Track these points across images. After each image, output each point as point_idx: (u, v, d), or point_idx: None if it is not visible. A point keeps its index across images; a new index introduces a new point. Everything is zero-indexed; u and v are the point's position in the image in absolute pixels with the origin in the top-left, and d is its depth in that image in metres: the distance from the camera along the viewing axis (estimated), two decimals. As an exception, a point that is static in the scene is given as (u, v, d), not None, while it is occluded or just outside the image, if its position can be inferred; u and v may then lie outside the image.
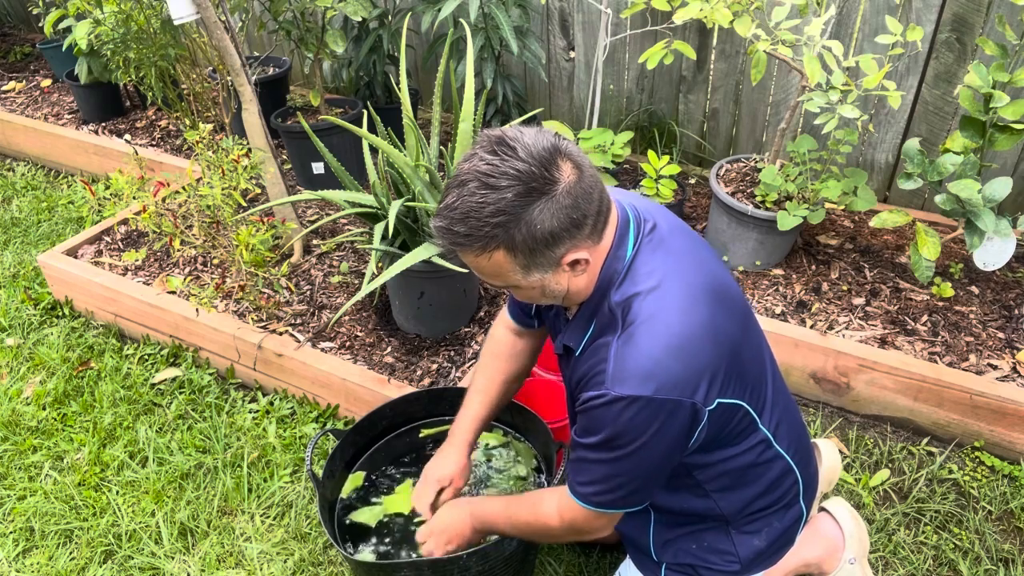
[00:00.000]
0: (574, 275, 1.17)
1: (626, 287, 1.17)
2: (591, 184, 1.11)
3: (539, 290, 1.19)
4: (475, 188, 1.06)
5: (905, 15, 2.47)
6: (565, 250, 1.12)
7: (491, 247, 1.09)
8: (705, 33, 2.84)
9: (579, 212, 1.09)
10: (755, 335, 1.32)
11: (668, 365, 1.12)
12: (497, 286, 1.21)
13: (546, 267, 1.13)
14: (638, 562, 1.53)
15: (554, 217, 1.07)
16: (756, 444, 1.31)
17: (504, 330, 1.61)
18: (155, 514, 2.00)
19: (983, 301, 2.32)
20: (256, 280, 2.38)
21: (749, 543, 1.41)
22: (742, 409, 1.24)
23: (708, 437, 1.22)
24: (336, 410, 2.24)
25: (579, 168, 1.10)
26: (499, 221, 1.06)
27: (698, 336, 1.14)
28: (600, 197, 1.13)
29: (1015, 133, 2.06)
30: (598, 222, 1.14)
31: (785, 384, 1.45)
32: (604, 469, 1.20)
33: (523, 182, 1.05)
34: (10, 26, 5.14)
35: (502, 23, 2.63)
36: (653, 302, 1.15)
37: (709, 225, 2.59)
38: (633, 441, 1.14)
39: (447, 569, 1.45)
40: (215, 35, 2.31)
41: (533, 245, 1.09)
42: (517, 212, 1.06)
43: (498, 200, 1.05)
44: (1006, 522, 1.90)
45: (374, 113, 2.20)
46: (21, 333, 2.67)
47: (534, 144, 1.07)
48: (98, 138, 3.62)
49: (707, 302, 1.17)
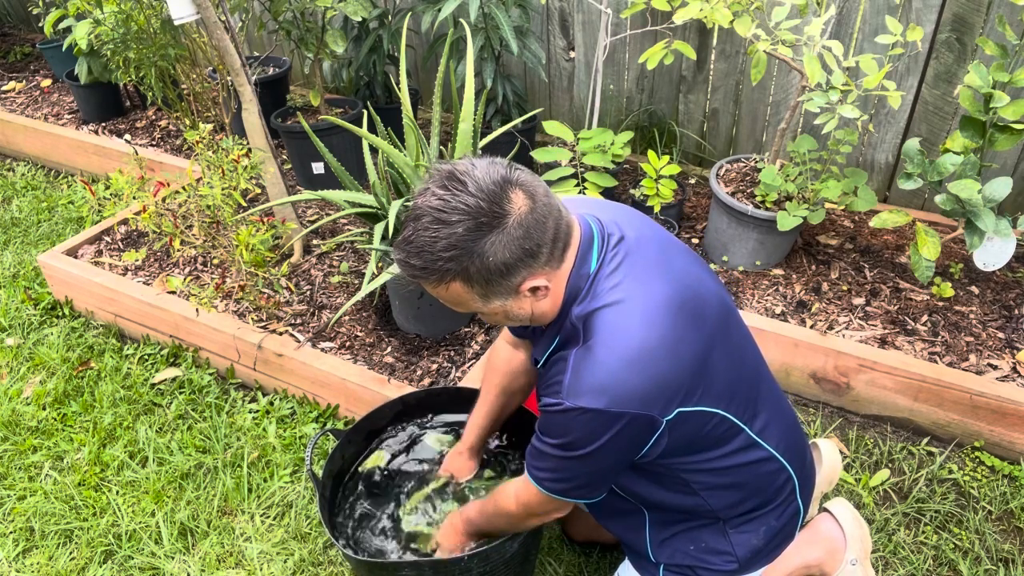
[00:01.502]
0: (536, 300, 1.20)
1: (587, 302, 1.19)
2: (544, 213, 1.13)
3: (502, 314, 1.23)
4: (428, 223, 1.10)
5: (905, 15, 2.47)
6: (521, 279, 1.15)
7: (447, 279, 1.13)
8: (705, 33, 2.84)
9: (532, 242, 1.12)
10: (736, 340, 1.32)
11: (623, 378, 1.14)
12: (462, 312, 1.23)
13: (504, 295, 1.17)
14: (636, 564, 1.53)
15: (506, 248, 1.10)
16: (742, 447, 1.31)
17: (503, 343, 1.64)
18: (155, 514, 2.00)
19: (983, 301, 2.32)
20: (256, 280, 2.38)
21: (746, 542, 1.41)
22: (716, 416, 1.24)
23: (680, 442, 1.24)
24: (336, 410, 2.24)
25: (532, 198, 1.12)
26: (451, 255, 1.10)
27: (655, 349, 1.15)
28: (556, 225, 1.15)
29: (1015, 133, 2.06)
30: (555, 249, 1.16)
31: (776, 383, 1.45)
32: (557, 463, 1.25)
33: (473, 217, 1.08)
34: (10, 26, 5.14)
35: (502, 23, 2.63)
36: (612, 316, 1.17)
37: (709, 225, 2.59)
38: (584, 447, 1.18)
39: (449, 570, 1.46)
40: (215, 35, 2.31)
41: (488, 276, 1.12)
42: (469, 246, 1.09)
43: (449, 235, 1.09)
44: (1006, 522, 1.90)
45: (374, 113, 2.20)
46: (21, 333, 2.67)
47: (484, 178, 1.10)
48: (98, 138, 3.62)
49: (669, 315, 1.18)
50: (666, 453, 1.26)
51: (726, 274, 2.50)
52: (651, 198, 2.52)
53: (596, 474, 1.25)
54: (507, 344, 1.63)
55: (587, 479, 1.26)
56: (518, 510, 1.37)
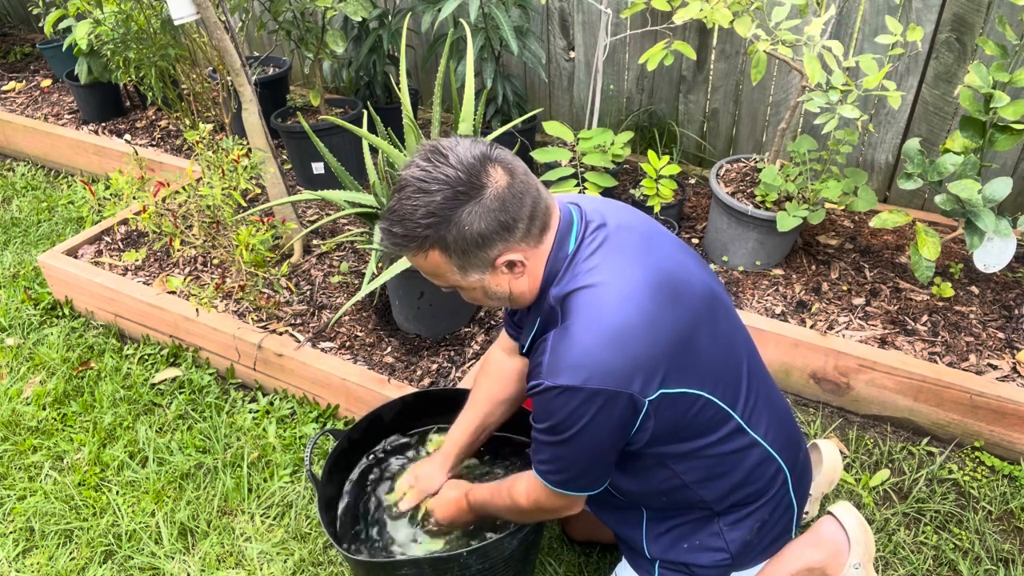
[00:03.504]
0: (513, 277, 1.24)
1: (565, 283, 1.23)
2: (522, 190, 1.18)
3: (481, 291, 1.27)
4: (410, 192, 1.16)
5: (905, 15, 2.47)
6: (497, 252, 1.19)
7: (425, 247, 1.18)
8: (705, 33, 2.84)
9: (507, 215, 1.17)
10: (724, 328, 1.33)
11: (600, 356, 1.16)
12: (443, 287, 1.28)
13: (481, 268, 1.21)
14: (632, 562, 1.54)
15: (482, 219, 1.15)
16: (729, 433, 1.32)
17: (497, 350, 1.65)
18: (155, 514, 2.00)
19: (983, 301, 2.32)
20: (256, 280, 2.38)
21: (740, 537, 1.42)
22: (701, 399, 1.25)
23: (666, 426, 1.25)
24: (336, 410, 2.24)
25: (510, 174, 1.18)
26: (430, 223, 1.15)
27: (633, 327, 1.18)
28: (533, 203, 1.20)
29: (1015, 133, 2.06)
30: (531, 227, 1.20)
31: (770, 379, 1.46)
32: (552, 451, 1.27)
33: (451, 186, 1.14)
34: (10, 26, 5.14)
35: (502, 23, 2.63)
36: (589, 296, 1.20)
37: (709, 225, 2.59)
38: (570, 428, 1.20)
39: (447, 567, 1.46)
40: (215, 35, 2.31)
41: (465, 246, 1.17)
42: (447, 214, 1.15)
43: (428, 203, 1.15)
44: (1006, 522, 1.90)
45: (374, 113, 2.20)
46: (21, 333, 2.67)
47: (465, 153, 1.17)
48: (98, 138, 3.62)
49: (649, 295, 1.20)
50: (655, 440, 1.27)
51: (726, 274, 2.50)
52: (651, 198, 2.52)
53: (587, 458, 1.26)
54: (501, 351, 1.64)
55: (580, 465, 1.27)
56: (528, 505, 1.38)
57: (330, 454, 1.68)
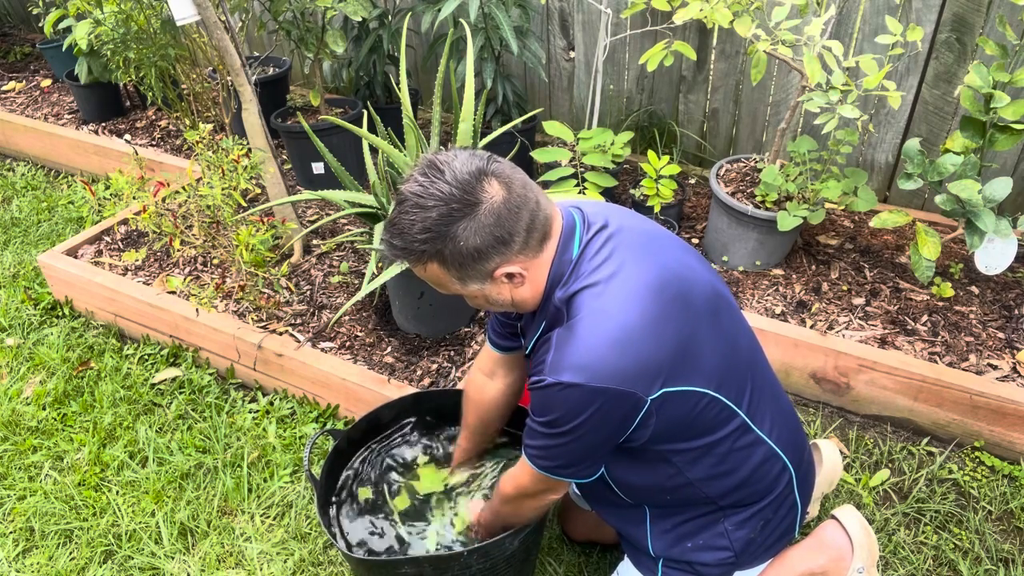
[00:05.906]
0: (513, 286, 1.26)
1: (570, 284, 1.24)
2: (518, 204, 1.19)
3: (483, 298, 1.29)
4: (408, 207, 1.18)
5: (905, 15, 2.47)
6: (495, 265, 1.21)
7: (424, 260, 1.21)
8: (705, 33, 2.84)
9: (503, 230, 1.18)
10: (728, 327, 1.34)
11: (603, 355, 1.17)
12: (444, 293, 1.30)
13: (480, 279, 1.23)
14: (635, 560, 1.54)
15: (477, 235, 1.16)
16: (734, 430, 1.33)
17: (477, 373, 1.68)
18: (155, 514, 2.00)
19: (983, 301, 2.32)
20: (256, 280, 2.38)
21: (743, 535, 1.42)
22: (705, 396, 1.26)
23: (670, 423, 1.25)
24: (336, 410, 2.24)
25: (507, 189, 1.18)
26: (426, 238, 1.17)
27: (637, 328, 1.18)
28: (531, 215, 1.20)
29: (1015, 133, 2.06)
30: (530, 238, 1.21)
31: (775, 378, 1.47)
32: (546, 440, 1.28)
33: (446, 203, 1.16)
34: (10, 26, 5.14)
35: (502, 23, 2.63)
36: (594, 296, 1.21)
37: (709, 225, 2.59)
38: (569, 423, 1.21)
39: (448, 566, 1.46)
40: (215, 35, 2.31)
41: (461, 260, 1.19)
42: (442, 230, 1.16)
43: (425, 219, 1.17)
44: (1006, 522, 1.90)
45: (374, 113, 2.20)
46: (21, 333, 2.67)
47: (460, 168, 1.17)
48: (98, 138, 3.62)
49: (651, 294, 1.21)
50: (659, 437, 1.27)
51: (726, 274, 2.50)
52: (651, 198, 2.52)
53: (582, 453, 1.27)
54: (481, 374, 1.66)
55: (574, 457, 1.29)
56: (514, 492, 1.41)
57: (329, 454, 1.68)
